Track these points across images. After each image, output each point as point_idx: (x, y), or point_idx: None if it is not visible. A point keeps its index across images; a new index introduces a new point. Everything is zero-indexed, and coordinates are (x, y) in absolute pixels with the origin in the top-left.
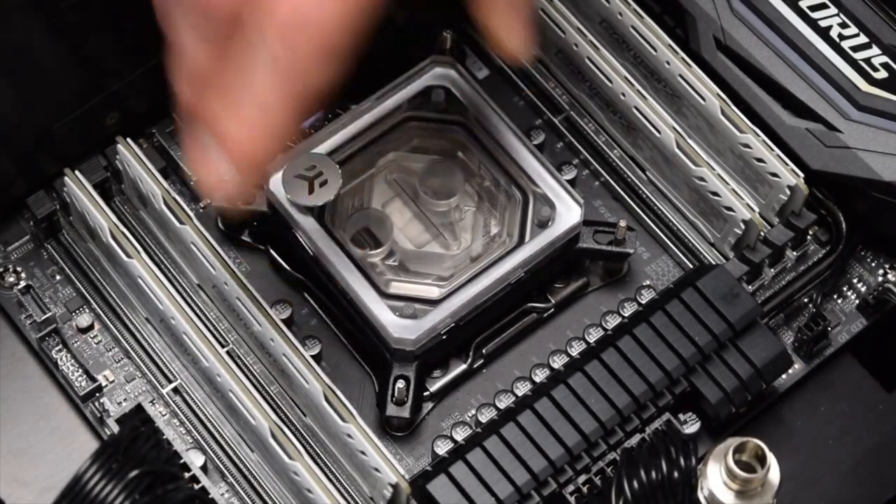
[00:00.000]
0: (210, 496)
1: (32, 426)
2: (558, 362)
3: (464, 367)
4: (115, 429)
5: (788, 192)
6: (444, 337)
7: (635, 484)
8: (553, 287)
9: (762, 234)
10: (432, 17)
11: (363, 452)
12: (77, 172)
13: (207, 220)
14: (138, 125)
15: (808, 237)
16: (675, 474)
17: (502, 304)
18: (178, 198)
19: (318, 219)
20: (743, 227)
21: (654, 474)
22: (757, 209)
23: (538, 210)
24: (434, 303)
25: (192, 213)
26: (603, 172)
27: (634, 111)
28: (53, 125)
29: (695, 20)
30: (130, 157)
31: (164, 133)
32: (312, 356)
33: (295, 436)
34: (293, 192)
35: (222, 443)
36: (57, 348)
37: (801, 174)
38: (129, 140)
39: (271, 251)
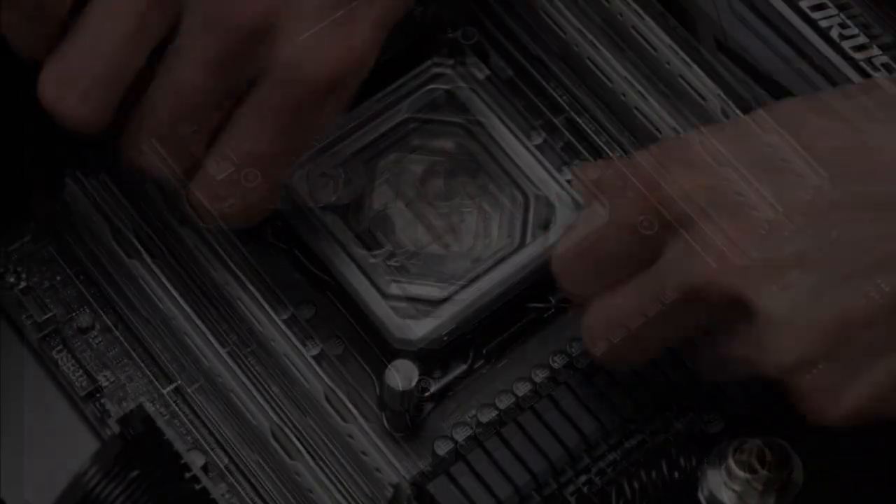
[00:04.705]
0: (211, 497)
1: (33, 426)
2: (559, 363)
3: (464, 367)
4: (116, 429)
5: None
6: (445, 338)
7: (636, 484)
8: (554, 288)
9: None
10: (442, 16)
11: (364, 453)
12: (79, 172)
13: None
14: None
15: None
16: (676, 474)
17: (503, 305)
18: None
19: (321, 220)
20: None
21: (654, 475)
22: None
23: (539, 212)
24: (436, 303)
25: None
26: None
27: (635, 112)
28: (56, 125)
29: (694, 20)
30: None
31: None
32: (313, 356)
33: (296, 436)
34: (313, 191)
35: (223, 443)
36: (58, 348)
37: None
38: None
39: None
